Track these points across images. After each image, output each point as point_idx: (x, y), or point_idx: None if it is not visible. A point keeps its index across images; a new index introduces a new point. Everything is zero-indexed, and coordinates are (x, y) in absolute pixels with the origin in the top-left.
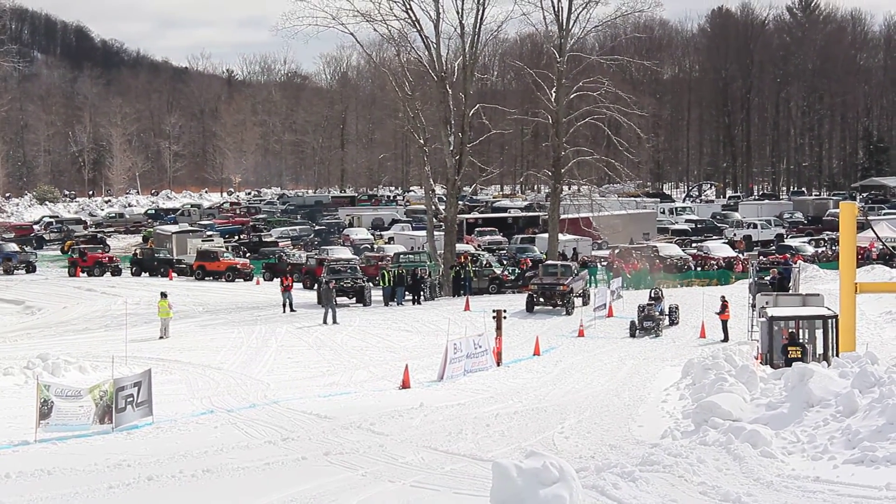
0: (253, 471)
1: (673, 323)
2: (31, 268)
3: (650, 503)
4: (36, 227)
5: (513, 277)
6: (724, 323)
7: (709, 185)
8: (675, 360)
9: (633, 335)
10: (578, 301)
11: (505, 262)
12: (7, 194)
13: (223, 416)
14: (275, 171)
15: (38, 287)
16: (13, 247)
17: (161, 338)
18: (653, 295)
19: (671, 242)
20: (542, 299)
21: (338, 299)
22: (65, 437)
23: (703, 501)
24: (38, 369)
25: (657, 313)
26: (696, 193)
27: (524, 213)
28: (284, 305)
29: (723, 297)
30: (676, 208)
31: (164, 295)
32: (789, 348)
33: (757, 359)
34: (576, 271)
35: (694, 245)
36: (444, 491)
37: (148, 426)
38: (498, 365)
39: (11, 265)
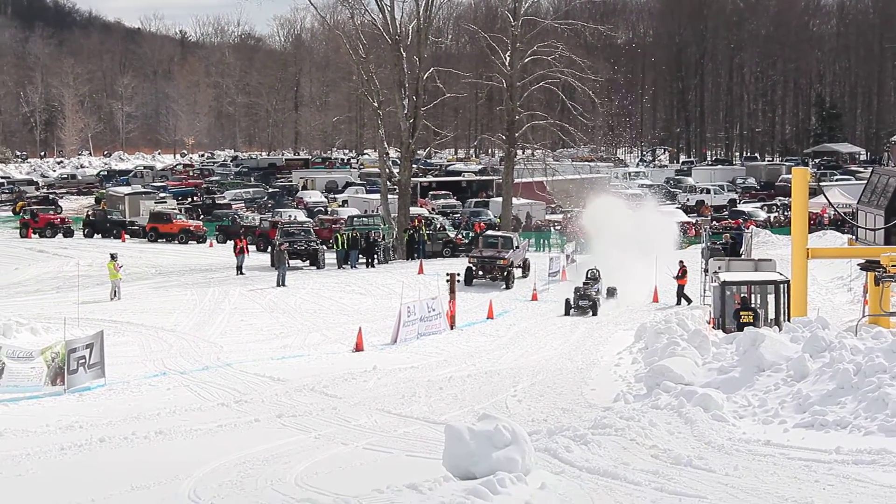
0: (206, 433)
1: (611, 294)
2: None
3: (602, 466)
4: None
5: (466, 241)
6: (681, 287)
7: (662, 150)
8: (627, 325)
9: (567, 313)
10: (518, 272)
11: (458, 226)
12: None
13: (176, 379)
14: (228, 133)
15: None
16: None
17: (112, 299)
18: (589, 275)
19: (625, 207)
20: (480, 272)
21: (291, 262)
22: (16, 398)
23: (654, 464)
24: None
25: (594, 293)
26: (650, 158)
27: (478, 177)
28: (238, 268)
29: (681, 261)
30: (630, 173)
31: (113, 256)
32: (741, 313)
33: (709, 323)
34: (517, 243)
35: (647, 210)
36: (397, 453)
37: (100, 388)
38: (451, 328)
39: None
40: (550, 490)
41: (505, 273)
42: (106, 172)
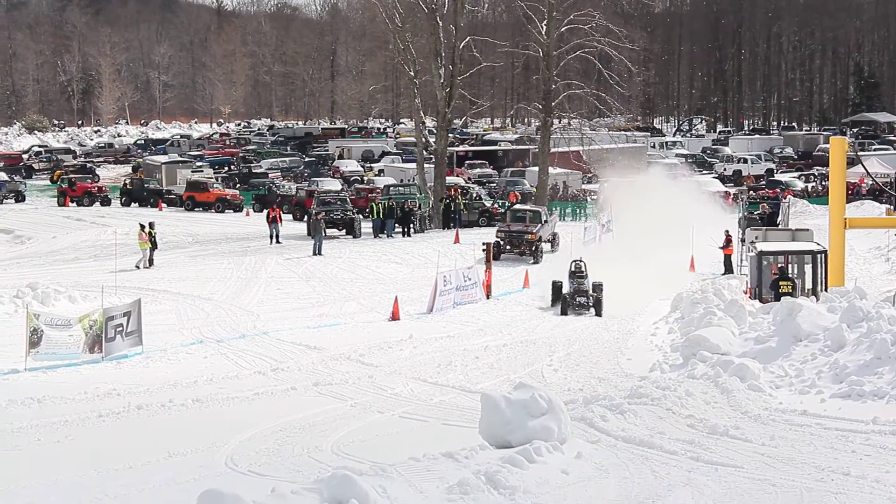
0: (242, 401)
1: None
2: (20, 197)
3: (638, 435)
4: (25, 156)
5: (502, 210)
6: (728, 258)
7: (699, 120)
8: (664, 294)
9: (564, 313)
10: (547, 247)
11: (495, 196)
12: None
13: (213, 347)
14: (264, 102)
15: (28, 216)
16: (2, 176)
17: (138, 268)
18: (573, 268)
19: (662, 177)
20: (508, 247)
21: (327, 231)
22: (55, 365)
23: (690, 434)
24: (27, 298)
25: (588, 288)
26: (687, 128)
27: (514, 147)
28: (272, 237)
29: (727, 231)
30: (667, 143)
31: (142, 226)
32: (780, 283)
33: (746, 293)
34: (545, 217)
35: (684, 179)
36: (432, 422)
37: (138, 356)
38: (487, 298)
39: (0, 194)
40: (586, 459)
41: (533, 248)
42: (143, 141)
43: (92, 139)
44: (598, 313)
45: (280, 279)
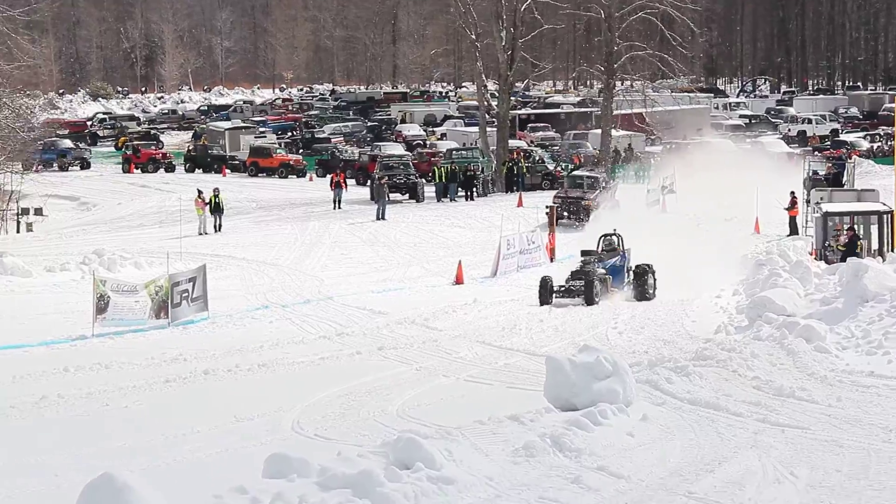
0: (308, 365)
1: (639, 286)
2: (85, 164)
3: (704, 397)
4: (90, 123)
5: (565, 174)
6: (793, 219)
7: (763, 81)
8: (729, 256)
9: (542, 301)
10: (605, 215)
11: (557, 159)
12: (61, 91)
13: (278, 312)
14: (326, 67)
15: (93, 183)
16: (68, 143)
17: (202, 234)
18: (605, 244)
19: (725, 138)
20: (565, 213)
21: (390, 195)
22: (121, 331)
23: (756, 396)
24: (94, 265)
25: (602, 269)
26: (750, 89)
27: (576, 109)
28: (335, 202)
29: (792, 192)
30: (730, 104)
31: (199, 192)
32: (858, 243)
33: (811, 254)
34: (604, 184)
35: (748, 141)
36: (497, 385)
37: (203, 321)
38: (551, 261)
39: (66, 161)
40: (652, 421)
41: (591, 215)
42: (206, 108)
43: (155, 106)
44: (589, 301)
45: (344, 244)
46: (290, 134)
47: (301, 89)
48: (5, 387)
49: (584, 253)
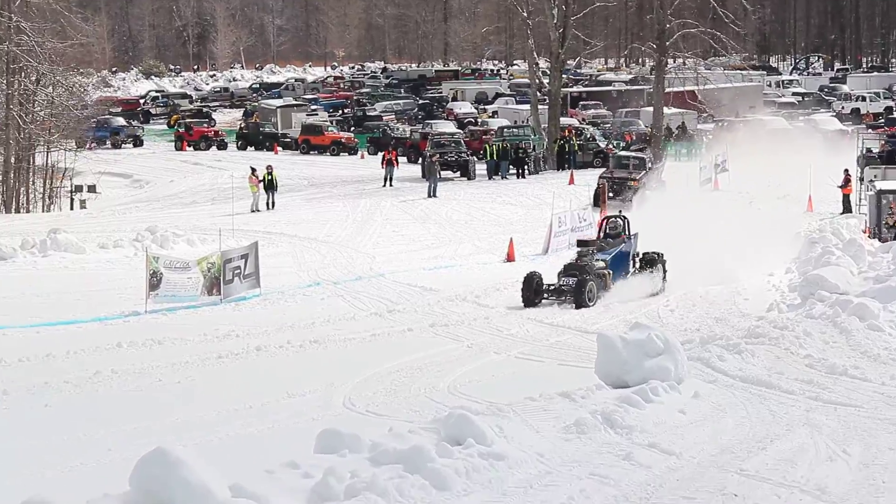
0: (359, 342)
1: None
2: (138, 142)
3: (756, 375)
4: (142, 101)
5: (616, 151)
6: (847, 197)
7: (816, 58)
8: (782, 234)
9: (527, 303)
10: (652, 196)
11: (609, 136)
12: (114, 69)
13: (329, 289)
14: (378, 45)
15: (146, 161)
16: (121, 121)
17: (254, 211)
18: (608, 227)
19: (778, 116)
20: (611, 193)
21: (442, 173)
22: (174, 307)
23: (809, 374)
24: (146, 241)
25: (602, 261)
26: (803, 66)
27: (628, 87)
28: (386, 179)
29: (846, 170)
30: (783, 81)
31: (252, 169)
32: None
33: (865, 232)
34: (650, 164)
35: (801, 118)
36: (548, 362)
37: (255, 298)
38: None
39: (119, 139)
40: (704, 399)
41: (636, 195)
42: (258, 85)
43: (207, 84)
44: (579, 303)
45: (395, 221)
46: (341, 111)
47: (353, 67)
48: (60, 362)
49: (580, 243)
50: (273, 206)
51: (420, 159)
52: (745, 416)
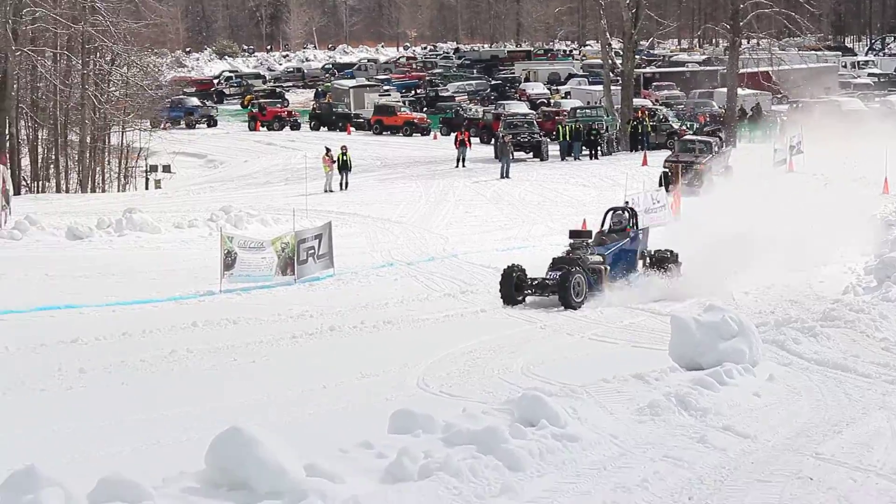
0: (433, 322)
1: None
2: (212, 122)
3: (831, 358)
4: (216, 81)
5: (691, 132)
6: None
7: (892, 38)
8: (858, 217)
9: (507, 300)
10: (719, 181)
11: (682, 117)
12: (188, 49)
13: (403, 269)
14: (450, 25)
15: (220, 141)
16: (195, 101)
17: (326, 191)
18: (613, 219)
19: (853, 97)
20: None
21: (514, 154)
22: (248, 287)
23: (885, 357)
24: (221, 221)
25: (598, 256)
26: (879, 47)
27: (702, 68)
28: (458, 160)
29: None
30: (859, 62)
31: (327, 150)
32: None
33: None
34: (717, 148)
35: (877, 99)
36: (622, 344)
37: (329, 278)
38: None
39: (193, 119)
40: (778, 381)
41: (703, 179)
42: (330, 66)
43: (280, 64)
44: (567, 303)
45: (468, 202)
46: (414, 92)
47: (425, 47)
48: (136, 340)
49: (573, 234)
50: (346, 186)
51: (493, 140)
52: (820, 400)
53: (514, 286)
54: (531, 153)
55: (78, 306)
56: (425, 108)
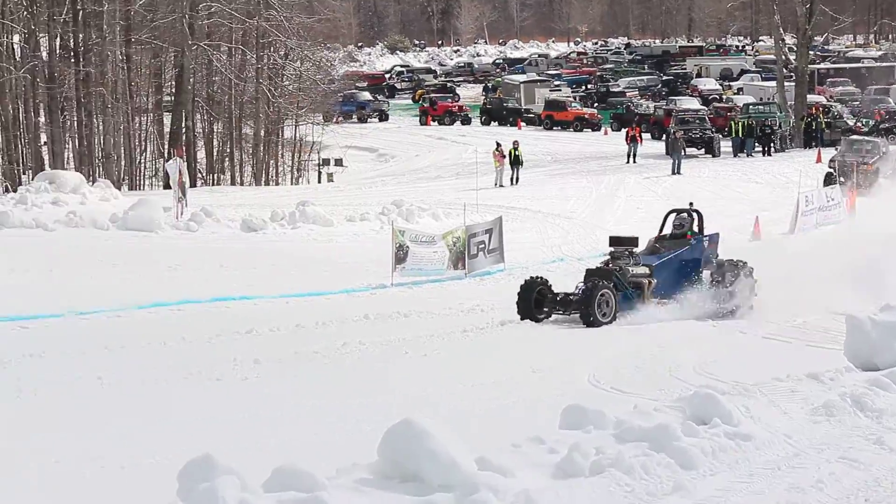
0: None
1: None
2: (383, 116)
3: None
4: (388, 76)
5: (866, 130)
6: None
7: None
8: None
9: (523, 314)
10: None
11: (858, 114)
12: (359, 44)
13: (573, 265)
14: (621, 20)
15: (391, 135)
16: (366, 95)
17: (496, 186)
18: (674, 226)
19: None
20: (842, 179)
21: (686, 150)
22: (419, 281)
23: None
24: (392, 215)
25: (644, 268)
26: None
27: (878, 64)
28: (629, 156)
29: None
30: None
31: (498, 144)
32: None
33: None
34: (884, 149)
35: None
36: (795, 343)
37: (500, 272)
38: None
39: (365, 113)
40: None
41: (871, 180)
42: (500, 61)
43: (451, 59)
44: (588, 321)
45: (639, 198)
46: (584, 87)
47: (595, 43)
48: (309, 332)
49: (613, 241)
50: (517, 181)
51: (664, 136)
52: None
53: (535, 302)
54: (703, 149)
55: (252, 297)
56: (596, 104)
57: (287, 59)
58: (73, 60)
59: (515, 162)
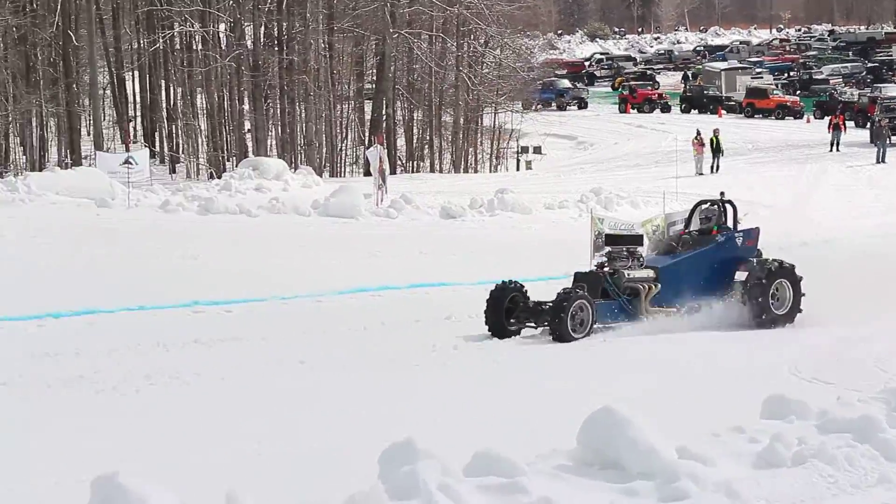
0: (803, 307)
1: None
2: (582, 104)
3: None
4: (587, 63)
5: None
6: None
7: None
8: None
9: (493, 330)
10: None
11: None
12: (559, 31)
13: (773, 254)
14: (825, 6)
15: (590, 123)
16: (566, 83)
17: (697, 174)
18: (701, 218)
19: None
20: None
21: (892, 138)
22: None
23: None
24: (591, 203)
25: (647, 272)
26: None
27: None
28: (832, 144)
29: None
30: None
31: (698, 132)
32: None
33: None
34: None
35: None
36: None
37: None
38: None
39: (564, 101)
40: None
41: None
42: (701, 48)
43: (651, 46)
44: (559, 335)
45: (843, 187)
46: (787, 75)
47: (798, 29)
48: None
49: (609, 240)
50: (717, 169)
51: (868, 124)
52: None
53: (505, 312)
54: None
55: (451, 283)
56: (798, 91)
57: (487, 46)
58: (276, 49)
59: (716, 150)
